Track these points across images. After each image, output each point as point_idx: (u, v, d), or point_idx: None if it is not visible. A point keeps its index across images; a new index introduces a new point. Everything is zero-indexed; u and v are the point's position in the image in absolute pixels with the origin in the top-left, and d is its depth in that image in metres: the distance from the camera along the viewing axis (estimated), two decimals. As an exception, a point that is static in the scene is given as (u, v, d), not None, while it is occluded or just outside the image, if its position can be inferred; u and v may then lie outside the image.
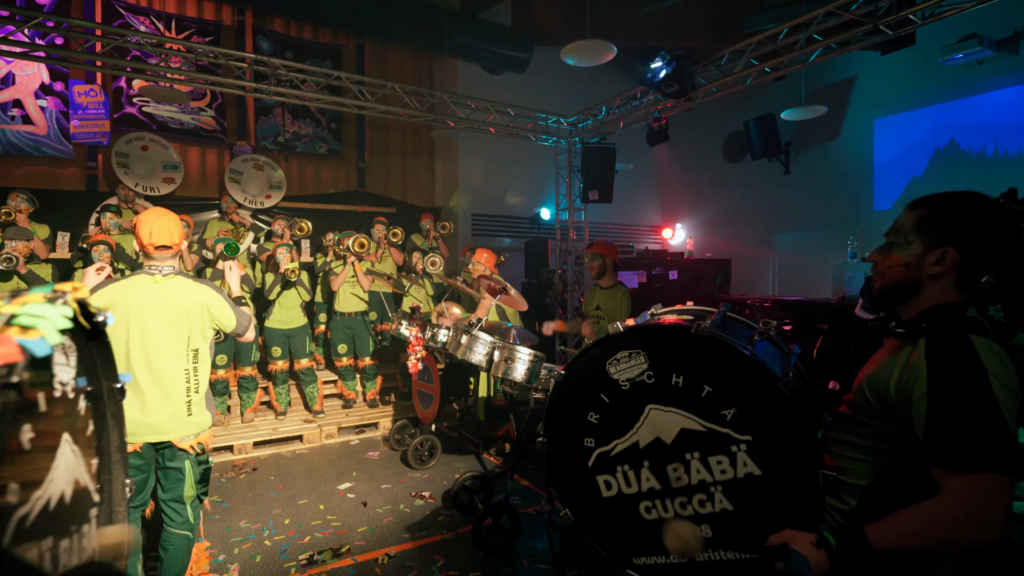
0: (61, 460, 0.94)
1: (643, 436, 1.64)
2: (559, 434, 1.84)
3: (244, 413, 5.31)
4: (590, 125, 7.02)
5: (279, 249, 5.30)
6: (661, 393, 1.60)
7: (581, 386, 1.78)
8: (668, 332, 1.65)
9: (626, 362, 1.68)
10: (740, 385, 1.47)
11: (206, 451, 2.47)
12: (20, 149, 6.20)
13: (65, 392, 0.99)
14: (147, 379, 2.28)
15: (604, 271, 3.79)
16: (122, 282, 2.30)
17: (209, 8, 7.30)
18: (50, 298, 0.89)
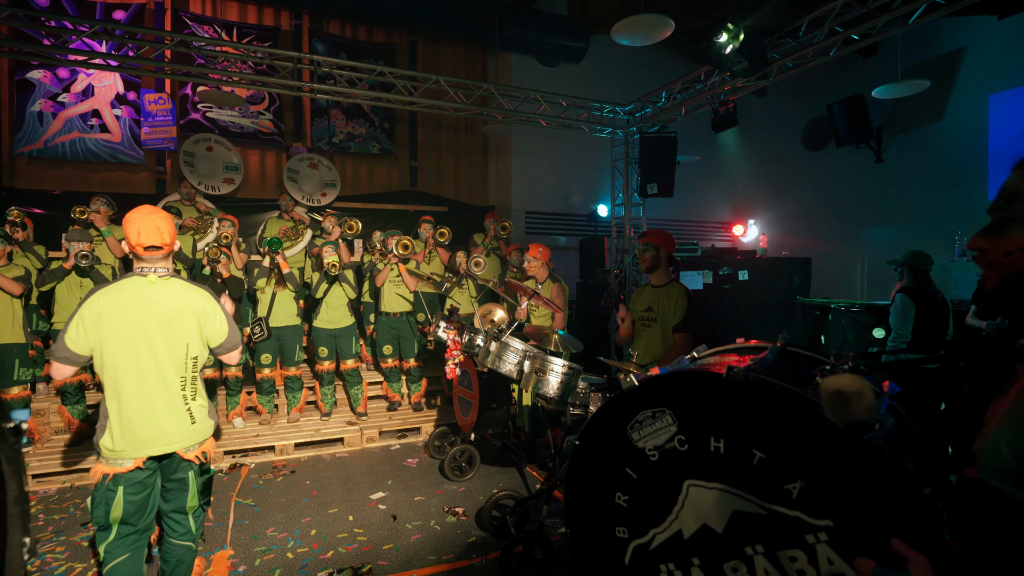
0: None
1: (686, 523, 1.24)
2: (584, 522, 1.45)
3: (290, 413, 5.30)
4: (648, 113, 6.51)
5: (326, 247, 5.25)
6: (699, 464, 1.21)
7: (601, 459, 1.40)
8: (695, 381, 1.25)
9: (650, 425, 1.30)
10: (804, 447, 1.05)
11: (209, 460, 2.34)
12: (98, 156, 6.59)
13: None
14: (145, 388, 2.14)
15: (656, 265, 3.24)
16: (114, 285, 2.14)
17: (268, 14, 7.47)
18: None
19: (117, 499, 2.12)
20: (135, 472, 2.14)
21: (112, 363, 2.11)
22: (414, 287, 5.49)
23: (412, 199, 8.21)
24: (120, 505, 2.12)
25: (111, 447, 2.11)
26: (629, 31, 4.49)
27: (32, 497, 3.90)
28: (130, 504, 2.14)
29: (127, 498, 2.13)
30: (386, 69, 5.59)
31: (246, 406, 5.28)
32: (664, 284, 3.30)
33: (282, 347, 5.14)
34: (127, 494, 2.13)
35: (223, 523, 3.48)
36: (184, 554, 2.32)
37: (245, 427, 5.04)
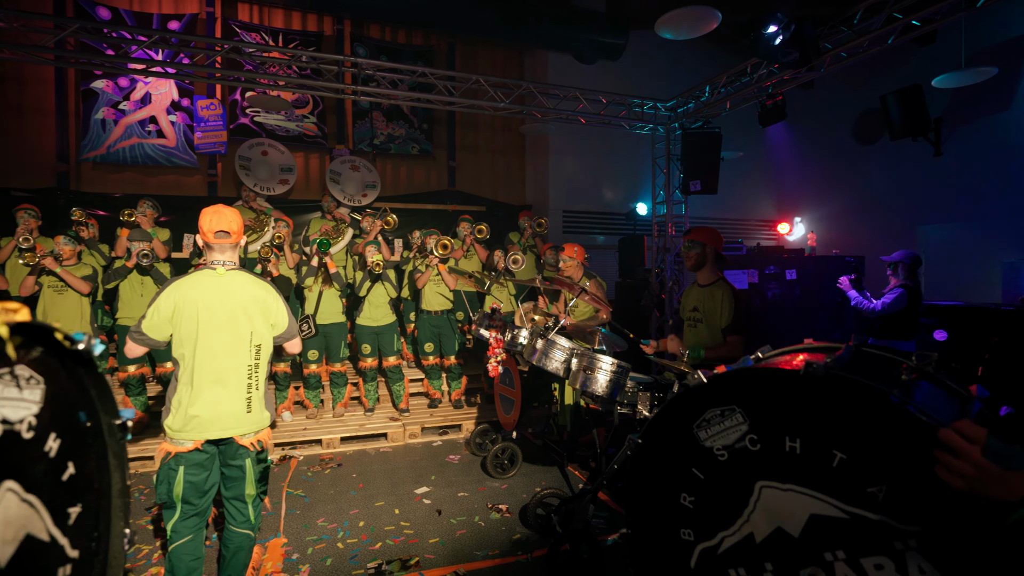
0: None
1: (758, 526, 1.19)
2: (646, 523, 1.41)
3: (335, 407, 5.43)
4: (691, 109, 6.38)
5: (368, 247, 5.35)
6: (773, 465, 1.17)
7: (665, 458, 1.36)
8: (769, 379, 1.20)
9: (718, 424, 1.26)
10: (890, 449, 1.00)
11: (265, 449, 2.43)
12: (155, 160, 6.92)
13: (13, 431, 0.82)
14: (212, 374, 2.26)
15: (703, 262, 3.14)
16: (188, 277, 2.30)
17: (311, 20, 7.68)
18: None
19: (178, 478, 2.24)
20: (195, 453, 2.25)
21: (187, 351, 2.25)
22: (454, 285, 5.54)
23: (450, 199, 8.28)
24: (180, 484, 2.24)
25: (174, 427, 2.24)
26: (674, 25, 4.41)
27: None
28: (189, 484, 2.25)
29: (187, 478, 2.25)
30: (426, 70, 5.66)
31: (294, 400, 5.44)
32: (710, 283, 3.21)
33: (328, 344, 5.27)
34: (187, 474, 2.25)
35: (276, 512, 3.60)
36: (243, 541, 2.42)
37: (293, 420, 5.20)
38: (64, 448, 0.94)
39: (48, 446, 0.92)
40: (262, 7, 7.39)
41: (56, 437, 0.93)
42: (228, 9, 7.29)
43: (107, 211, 6.67)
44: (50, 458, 0.92)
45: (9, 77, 6.48)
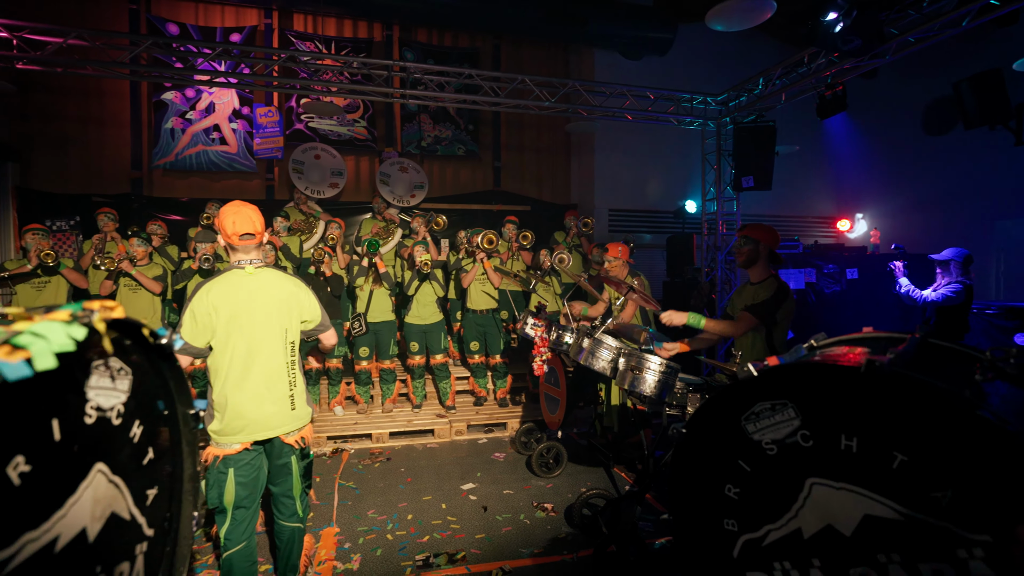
0: (86, 494, 0.82)
1: (807, 522, 1.16)
2: (689, 511, 1.40)
3: (384, 403, 5.58)
4: (744, 102, 6.17)
5: (416, 247, 5.47)
6: (826, 462, 1.13)
7: (711, 449, 1.34)
8: (825, 373, 1.15)
9: (768, 417, 1.22)
10: (959, 454, 0.94)
11: (308, 445, 2.45)
12: (218, 166, 7.32)
13: (105, 418, 0.88)
14: (252, 374, 2.24)
15: (754, 259, 3.02)
16: (217, 279, 2.25)
17: (362, 27, 7.92)
18: (74, 316, 0.78)
19: (229, 481, 2.22)
20: (243, 454, 2.25)
21: (222, 352, 2.22)
22: (499, 284, 5.58)
23: (496, 199, 8.35)
24: (232, 488, 2.23)
25: (219, 431, 2.23)
26: (726, 16, 4.28)
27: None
28: (241, 486, 2.25)
29: (238, 479, 2.24)
30: (472, 71, 5.72)
31: (345, 395, 5.63)
32: (761, 281, 3.10)
33: (378, 341, 5.42)
34: (237, 476, 2.24)
35: (329, 503, 3.73)
36: (294, 533, 2.49)
37: (344, 415, 5.38)
38: (145, 435, 1.02)
39: (133, 432, 0.99)
40: (316, 17, 7.68)
41: (139, 424, 1.00)
42: (284, 20, 7.62)
43: (176, 214, 7.13)
44: (134, 443, 0.99)
45: (91, 92, 7.02)
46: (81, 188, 6.88)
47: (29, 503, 0.72)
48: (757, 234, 3.05)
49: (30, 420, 0.73)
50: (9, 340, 0.67)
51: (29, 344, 0.68)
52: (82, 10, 6.87)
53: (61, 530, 0.77)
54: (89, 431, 0.86)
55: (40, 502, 0.75)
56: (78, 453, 0.83)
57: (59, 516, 0.77)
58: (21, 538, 0.70)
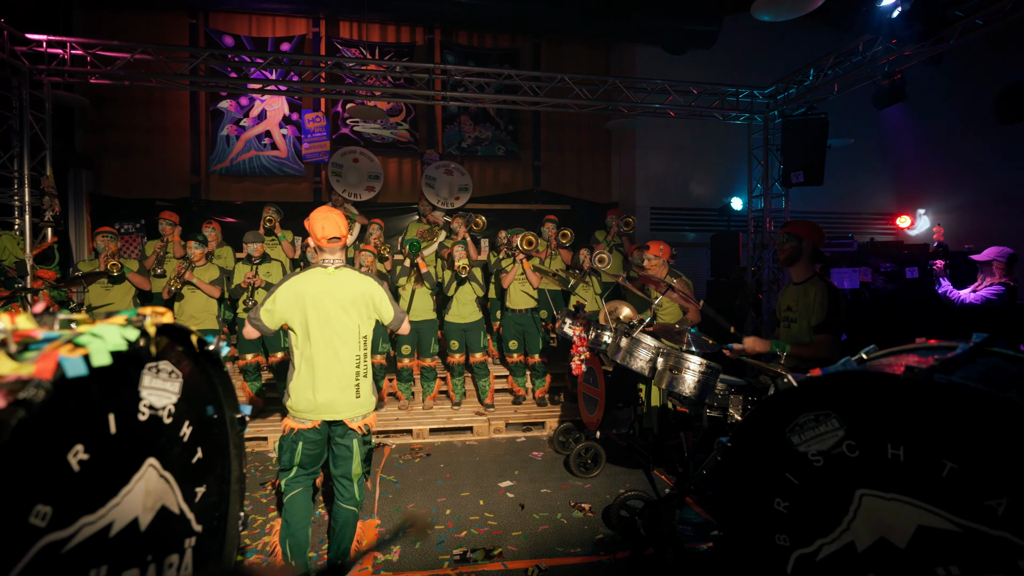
0: (138, 485, 0.88)
1: (859, 535, 1.14)
2: (738, 527, 1.39)
3: (424, 400, 5.69)
4: (793, 95, 5.93)
5: (455, 247, 5.54)
6: (874, 472, 1.11)
7: (758, 462, 1.33)
8: (864, 383, 1.13)
9: (812, 428, 1.21)
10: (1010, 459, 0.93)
11: (370, 432, 2.67)
12: (269, 170, 7.65)
13: (157, 416, 0.95)
14: (324, 363, 2.50)
15: (797, 257, 2.90)
16: (301, 275, 2.55)
17: (405, 32, 8.10)
18: (129, 321, 0.86)
19: (298, 450, 2.56)
20: (311, 431, 2.54)
21: (303, 341, 2.51)
22: (538, 283, 5.58)
23: (535, 198, 8.36)
24: (299, 455, 2.57)
25: (294, 407, 2.53)
26: (772, 6, 4.12)
27: (224, 458, 4.64)
28: (306, 456, 2.58)
29: (304, 450, 2.56)
30: (511, 72, 5.76)
31: (388, 392, 5.77)
32: (804, 280, 2.98)
33: (419, 339, 5.53)
34: (305, 447, 2.55)
35: (371, 495, 3.84)
36: (349, 516, 2.69)
37: (386, 410, 5.52)
38: (194, 435, 1.08)
39: (183, 432, 1.05)
40: (361, 24, 7.91)
41: (189, 425, 1.06)
42: (331, 28, 7.88)
43: (231, 217, 7.50)
44: (184, 442, 1.05)
45: (155, 103, 7.48)
46: (146, 193, 7.34)
47: (86, 489, 0.78)
48: (800, 231, 2.93)
49: (89, 413, 0.80)
50: (72, 340, 0.74)
51: (88, 343, 0.75)
52: (148, 26, 7.33)
53: (115, 517, 0.83)
54: (142, 427, 0.92)
55: (96, 489, 0.81)
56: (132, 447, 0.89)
57: (113, 504, 0.83)
58: (79, 520, 0.76)
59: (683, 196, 8.40)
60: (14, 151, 4.87)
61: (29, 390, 0.64)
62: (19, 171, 4.87)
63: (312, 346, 2.49)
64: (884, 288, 5.95)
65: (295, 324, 2.50)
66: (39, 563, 0.68)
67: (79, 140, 7.32)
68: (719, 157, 8.13)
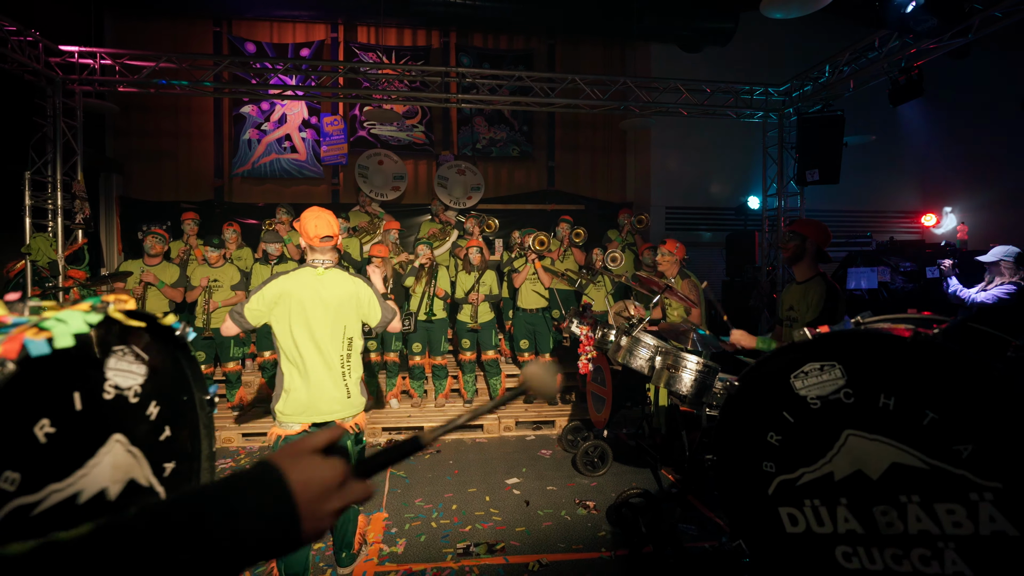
0: (105, 459, 0.95)
1: (839, 467, 1.36)
2: (732, 454, 1.59)
3: (436, 398, 5.78)
4: (808, 92, 5.85)
5: (471, 249, 5.62)
6: (864, 417, 1.32)
7: (759, 401, 1.52)
8: (876, 341, 1.32)
9: (816, 376, 1.39)
10: (982, 414, 1.14)
11: (362, 431, 2.65)
12: (289, 173, 7.85)
13: (123, 395, 1.02)
14: (310, 364, 2.45)
15: (800, 256, 2.87)
16: (292, 273, 2.48)
17: (421, 35, 8.22)
18: (92, 307, 0.94)
19: None
20: (301, 435, 2.45)
21: (288, 342, 2.45)
22: (549, 283, 5.62)
23: (549, 198, 8.39)
24: None
25: (283, 411, 2.47)
26: (782, 4, 4.09)
27: (241, 451, 4.80)
28: None
29: None
30: (523, 74, 5.81)
31: (401, 389, 5.88)
32: (806, 279, 2.95)
33: (430, 338, 5.62)
34: None
35: (380, 489, 3.93)
36: (349, 513, 2.72)
37: (399, 408, 5.62)
38: (162, 414, 1.15)
39: (149, 411, 1.13)
40: (378, 28, 8.06)
41: (156, 404, 1.14)
42: (349, 33, 8.05)
43: (252, 219, 7.72)
44: (151, 421, 1.13)
45: (181, 109, 7.75)
46: (172, 196, 7.61)
47: (54, 459, 0.86)
48: (805, 229, 2.91)
49: (55, 390, 0.88)
50: (37, 324, 0.83)
51: (52, 327, 0.83)
52: (175, 35, 7.59)
53: (84, 486, 0.90)
54: (108, 405, 1.00)
55: (63, 460, 0.88)
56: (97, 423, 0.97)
57: (81, 474, 0.90)
58: (47, 487, 0.84)
59: (698, 195, 8.33)
60: (47, 157, 5.12)
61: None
62: (52, 176, 5.12)
63: (297, 347, 2.43)
64: (903, 288, 5.82)
65: (279, 324, 2.44)
66: (10, 524, 0.75)
67: (110, 146, 7.63)
68: (735, 156, 8.05)
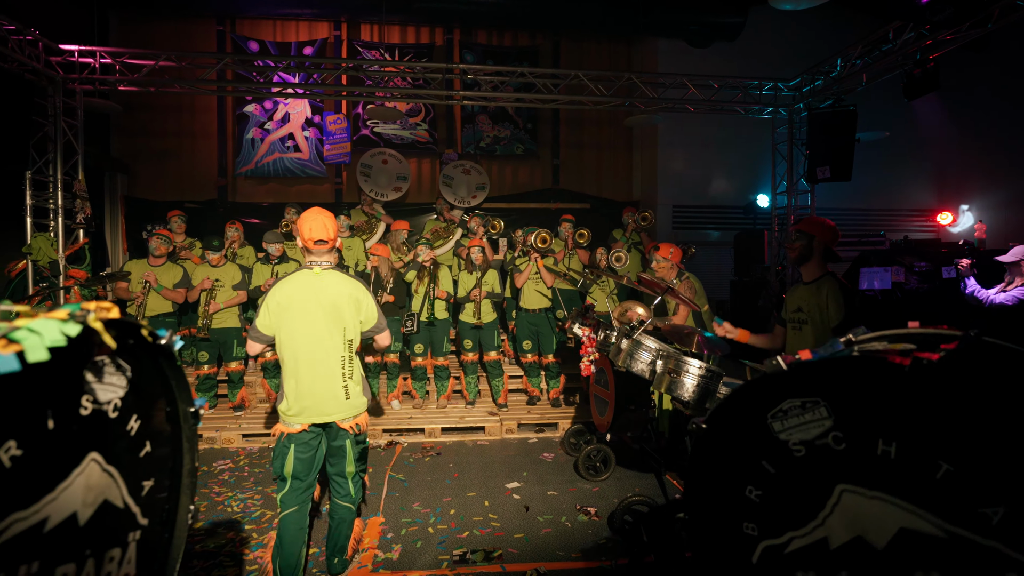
0: (78, 480, 0.87)
1: (834, 531, 1.10)
2: (705, 512, 1.34)
3: (438, 399, 5.71)
4: (819, 86, 5.70)
5: (472, 248, 5.54)
6: (859, 468, 1.06)
7: (733, 447, 1.27)
8: (864, 370, 1.06)
9: (797, 416, 1.15)
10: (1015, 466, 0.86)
11: (363, 431, 2.66)
12: (292, 172, 7.82)
13: (101, 410, 0.94)
14: (310, 365, 2.48)
15: (807, 256, 2.78)
16: (290, 277, 2.52)
17: (424, 33, 8.15)
18: (71, 315, 0.85)
19: (289, 455, 2.50)
20: (303, 434, 2.51)
21: (288, 343, 2.48)
22: (551, 283, 5.52)
23: (554, 197, 8.30)
24: (291, 461, 2.50)
25: (285, 411, 2.50)
26: (791, -7, 3.96)
27: (241, 452, 4.76)
28: (299, 461, 2.51)
29: (297, 455, 2.51)
30: (526, 70, 5.72)
31: (403, 390, 5.82)
32: (815, 279, 2.85)
33: (432, 339, 5.54)
34: (297, 452, 2.51)
35: (378, 493, 3.87)
36: (345, 514, 2.71)
37: (400, 409, 5.56)
38: (143, 429, 1.08)
39: (130, 426, 1.05)
40: (381, 26, 8.00)
41: (137, 419, 1.06)
42: (352, 31, 8.00)
43: (256, 218, 7.69)
44: (130, 436, 1.05)
45: (184, 108, 7.74)
46: (176, 195, 7.61)
47: (19, 485, 0.78)
48: (812, 229, 2.80)
49: (24, 409, 0.79)
50: (6, 335, 0.73)
51: (23, 339, 0.74)
52: (178, 34, 7.59)
53: (51, 512, 0.83)
54: (84, 422, 0.91)
55: (30, 485, 0.80)
56: (72, 442, 0.89)
57: (49, 499, 0.83)
58: (9, 517, 0.75)
59: (706, 194, 8.20)
60: (49, 156, 5.11)
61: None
62: (53, 175, 5.11)
63: (297, 348, 2.46)
64: (918, 288, 5.66)
65: (285, 328, 2.47)
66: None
67: (115, 145, 7.64)
68: (743, 153, 7.90)
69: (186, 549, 3.18)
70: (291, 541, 2.52)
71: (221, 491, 3.90)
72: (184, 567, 2.90)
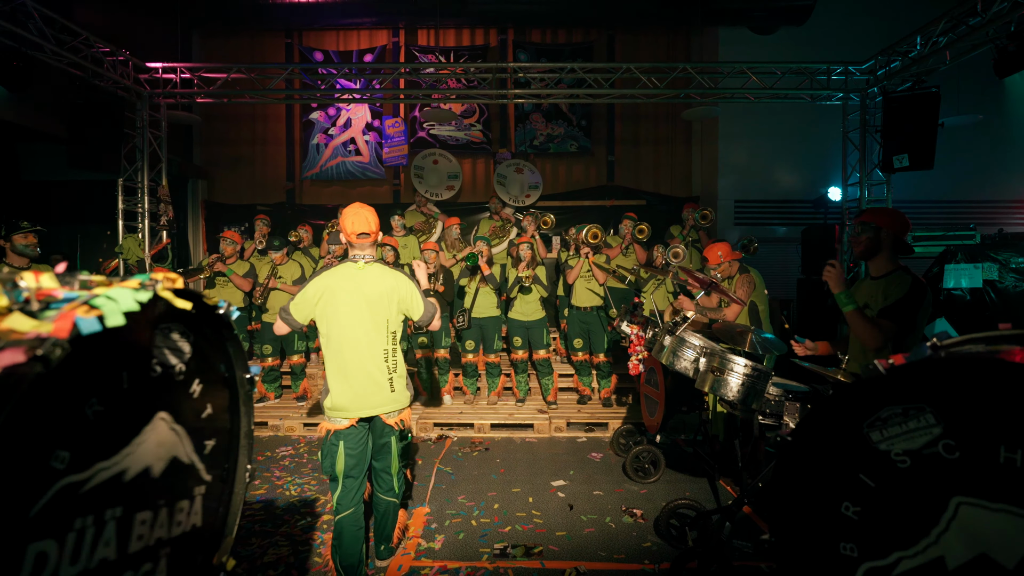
0: (151, 436, 0.97)
1: (952, 549, 1.00)
2: (795, 532, 1.25)
3: (489, 395, 5.77)
4: (896, 68, 5.26)
5: (521, 245, 5.56)
6: (978, 478, 0.97)
7: (824, 460, 1.19)
8: (978, 371, 0.98)
9: (899, 424, 1.06)
10: None
11: (406, 427, 2.67)
12: (354, 175, 8.16)
13: (169, 373, 1.03)
14: (354, 358, 2.47)
15: (875, 250, 2.55)
16: (334, 270, 2.52)
17: (479, 34, 8.26)
18: (141, 285, 0.94)
19: (339, 452, 2.48)
20: (351, 429, 2.49)
21: (332, 336, 2.48)
22: (603, 280, 5.44)
23: (609, 194, 8.16)
24: (342, 458, 2.48)
25: (331, 407, 2.49)
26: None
27: (302, 440, 5.03)
28: (350, 457, 2.49)
29: (347, 451, 2.48)
30: (577, 66, 5.67)
31: (454, 385, 5.93)
32: (884, 274, 2.61)
33: (483, 336, 5.61)
34: (347, 448, 2.49)
35: (425, 484, 3.96)
36: (389, 506, 2.75)
37: (452, 404, 5.67)
38: (205, 392, 1.17)
39: (193, 389, 1.14)
40: (437, 30, 8.18)
41: (199, 383, 1.15)
42: (410, 37, 8.24)
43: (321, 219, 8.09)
44: (194, 398, 1.15)
45: (257, 117, 8.27)
46: (249, 199, 8.15)
47: (101, 438, 0.87)
48: (878, 219, 2.58)
49: (104, 369, 0.88)
50: (88, 301, 0.82)
51: (102, 305, 0.82)
52: (252, 48, 8.13)
53: (129, 464, 0.93)
54: (154, 383, 1.01)
55: (111, 438, 0.90)
56: (144, 401, 0.98)
57: (127, 452, 0.92)
58: (95, 465, 0.85)
59: (771, 187, 7.77)
60: (137, 165, 5.63)
61: (47, 347, 0.69)
62: (140, 182, 5.62)
63: (343, 341, 2.45)
64: (1015, 287, 5.10)
65: (323, 319, 2.47)
66: (59, 501, 0.77)
67: (197, 154, 8.30)
68: (812, 143, 7.42)
69: (245, 527, 3.37)
70: (350, 542, 2.51)
71: (281, 475, 4.14)
72: (243, 543, 3.11)
